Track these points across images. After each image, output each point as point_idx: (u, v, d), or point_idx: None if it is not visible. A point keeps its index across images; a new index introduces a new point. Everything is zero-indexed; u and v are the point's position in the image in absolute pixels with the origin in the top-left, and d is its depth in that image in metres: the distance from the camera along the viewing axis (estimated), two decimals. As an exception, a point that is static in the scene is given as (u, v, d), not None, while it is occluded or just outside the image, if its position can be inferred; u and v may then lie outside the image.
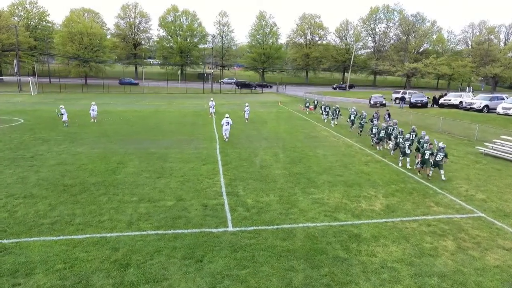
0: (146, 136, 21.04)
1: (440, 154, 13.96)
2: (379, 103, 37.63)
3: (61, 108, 23.44)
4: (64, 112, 23.14)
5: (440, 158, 13.99)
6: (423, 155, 14.35)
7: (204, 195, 11.83)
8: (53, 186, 12.28)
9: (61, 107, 23.56)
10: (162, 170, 14.36)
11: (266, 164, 15.75)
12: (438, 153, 14.01)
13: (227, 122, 20.10)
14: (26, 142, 18.72)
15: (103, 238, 8.82)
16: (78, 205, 10.71)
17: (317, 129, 25.27)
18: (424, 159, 14.32)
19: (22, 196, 11.32)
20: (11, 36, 53.49)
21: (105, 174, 13.73)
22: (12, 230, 9.06)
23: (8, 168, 14.10)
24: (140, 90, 52.34)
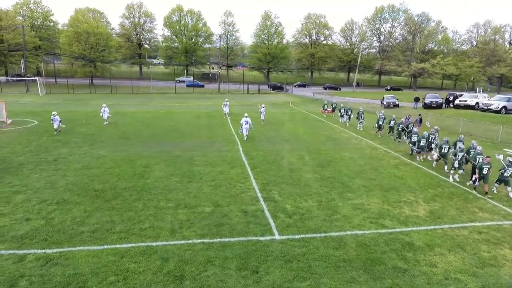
0: (166, 138, 20.68)
1: (510, 169, 12.18)
2: (392, 104, 37.32)
3: (53, 114, 20.78)
4: (55, 119, 20.62)
5: (509, 173, 12.24)
6: (480, 169, 12.51)
7: (240, 201, 11.49)
8: (84, 191, 11.94)
9: (54, 113, 20.90)
10: (191, 174, 14.02)
11: (294, 167, 15.41)
12: (508, 168, 12.22)
13: (246, 121, 20.37)
14: (45, 144, 18.35)
15: (149, 247, 8.49)
16: (115, 212, 10.37)
17: (336, 131, 24.92)
18: (482, 174, 12.49)
19: (55, 202, 10.98)
20: (17, 36, 53.09)
21: (134, 178, 13.39)
22: (53, 239, 8.72)
23: (34, 172, 13.75)
24: (147, 90, 51.91)
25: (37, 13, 71.43)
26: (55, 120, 20.60)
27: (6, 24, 52.00)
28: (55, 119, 20.62)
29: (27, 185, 12.39)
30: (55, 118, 20.62)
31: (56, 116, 20.69)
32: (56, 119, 20.61)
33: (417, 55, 70.11)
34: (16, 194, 11.53)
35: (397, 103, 37.97)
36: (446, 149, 15.27)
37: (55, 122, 20.65)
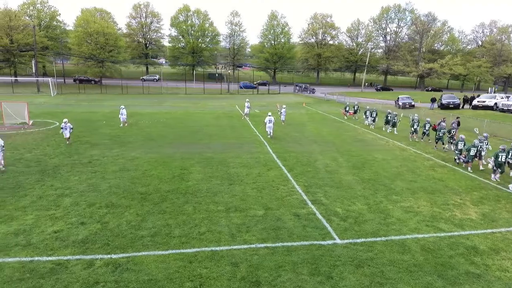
0: (193, 140, 20.57)
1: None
2: (408, 105, 37.21)
3: (64, 122, 18.21)
4: (66, 127, 18.09)
5: None
6: None
7: (288, 204, 11.39)
8: (129, 194, 11.84)
9: (65, 121, 18.31)
10: (230, 176, 13.92)
11: (331, 169, 15.32)
12: None
13: (270, 120, 21.04)
14: (74, 146, 18.22)
15: (214, 252, 8.38)
16: (167, 215, 10.27)
17: (359, 132, 24.82)
18: None
19: (104, 205, 10.88)
20: (26, 36, 52.95)
21: (175, 181, 13.29)
22: (115, 244, 8.61)
23: (72, 174, 13.65)
24: (158, 90, 51.81)
25: (44, 13, 71.34)
26: (66, 128, 18.07)
27: (15, 25, 51.85)
28: (66, 127, 18.05)
29: (70, 187, 12.30)
30: (66, 126, 18.05)
31: (68, 123, 18.21)
32: (67, 127, 18.10)
33: (424, 55, 70.02)
34: (62, 197, 11.44)
35: (413, 103, 37.89)
36: (502, 158, 14.10)
37: (66, 130, 18.11)
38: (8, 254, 8.05)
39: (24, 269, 7.51)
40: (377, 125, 27.18)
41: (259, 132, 23.08)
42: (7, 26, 51.21)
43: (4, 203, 10.77)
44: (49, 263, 7.77)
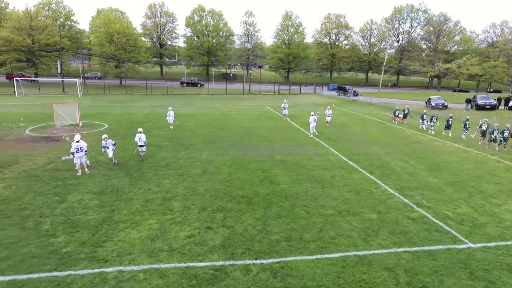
0: (252, 142, 20.50)
1: None
2: (441, 105, 37.25)
3: (104, 138, 14.72)
4: (107, 144, 14.65)
5: None
6: None
7: (395, 207, 11.41)
8: (231, 197, 11.83)
9: (104, 137, 14.77)
10: (317, 179, 13.91)
11: (410, 171, 15.35)
12: None
13: (314, 119, 22.44)
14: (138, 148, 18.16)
15: (359, 256, 8.40)
16: (286, 219, 10.26)
17: (407, 133, 24.85)
18: None
19: (216, 209, 10.87)
20: (46, 36, 52.72)
21: (265, 183, 13.28)
22: (256, 249, 8.61)
23: (161, 178, 13.62)
24: (181, 91, 51.72)
25: (59, 13, 71.13)
26: (107, 145, 14.68)
27: (37, 25, 51.62)
28: (107, 144, 14.64)
29: (168, 191, 12.29)
30: (107, 143, 14.63)
31: (109, 140, 14.80)
32: (108, 144, 14.66)
33: (440, 56, 70.16)
34: (169, 201, 11.42)
35: (446, 104, 37.95)
36: None
37: (108, 148, 14.73)
38: (160, 259, 8.05)
39: (187, 275, 7.51)
40: (415, 126, 27.27)
41: (311, 133, 23.11)
42: (29, 27, 51.01)
43: (117, 208, 10.75)
44: (206, 268, 7.78)
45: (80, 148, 13.87)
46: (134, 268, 7.69)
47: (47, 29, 52.72)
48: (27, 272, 7.45)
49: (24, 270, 7.52)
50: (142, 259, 8.05)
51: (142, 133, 16.01)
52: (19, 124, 23.69)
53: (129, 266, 7.76)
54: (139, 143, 15.96)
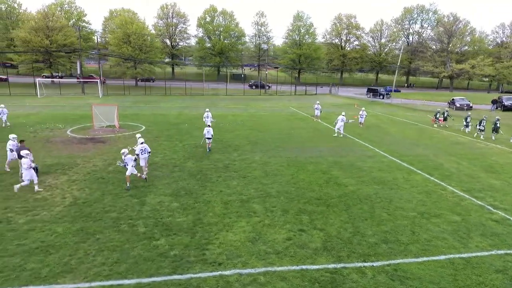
0: (296, 143, 20.48)
1: None
2: (466, 106, 37.28)
3: (123, 152, 12.33)
4: (127, 160, 12.30)
5: None
6: None
7: (471, 209, 11.45)
8: (306, 199, 11.86)
9: (123, 151, 12.33)
10: (381, 181, 13.95)
11: (467, 172, 15.43)
12: None
13: (342, 119, 22.66)
14: (187, 149, 18.20)
15: (463, 259, 8.44)
16: (373, 221, 10.29)
17: (444, 134, 24.94)
18: None
19: (298, 211, 10.90)
20: (63, 37, 52.70)
21: (332, 185, 13.31)
22: (360, 251, 8.65)
23: (227, 180, 13.64)
24: (200, 92, 51.76)
25: (71, 14, 71.16)
26: (128, 161, 12.33)
27: (54, 26, 51.60)
28: (126, 160, 12.32)
29: (241, 193, 12.31)
30: (126, 159, 12.32)
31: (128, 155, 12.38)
32: (128, 160, 12.34)
33: (453, 56, 70.21)
34: (247, 203, 11.46)
35: (471, 105, 37.99)
36: None
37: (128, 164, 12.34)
38: (271, 262, 8.08)
39: (306, 278, 7.55)
40: (453, 127, 27.34)
41: (351, 135, 23.15)
42: (46, 27, 51.01)
43: (201, 210, 10.79)
44: (322, 271, 7.82)
45: (145, 149, 13.96)
46: (251, 271, 7.73)
47: (63, 29, 52.73)
48: (148, 275, 7.49)
49: (144, 273, 7.56)
50: (254, 262, 8.09)
51: (210, 127, 18.00)
52: (57, 125, 23.72)
53: (245, 269, 7.80)
54: (207, 135, 17.77)
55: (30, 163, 11.68)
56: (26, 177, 11.72)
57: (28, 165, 11.62)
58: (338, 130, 22.85)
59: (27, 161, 11.57)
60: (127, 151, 12.53)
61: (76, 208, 10.71)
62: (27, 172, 11.70)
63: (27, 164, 11.59)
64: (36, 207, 10.71)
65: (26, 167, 11.65)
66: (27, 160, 11.58)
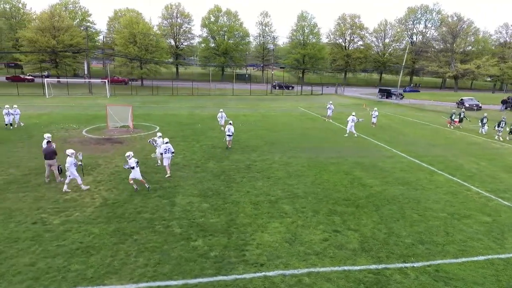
0: (313, 144, 20.46)
1: None
2: (475, 106, 37.29)
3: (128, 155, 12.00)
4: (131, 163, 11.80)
5: None
6: None
7: (500, 210, 11.49)
8: (334, 200, 11.88)
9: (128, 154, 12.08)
10: (404, 181, 13.97)
11: (488, 173, 15.44)
12: None
13: (352, 119, 22.79)
14: (206, 151, 18.20)
15: (503, 260, 8.48)
16: (404, 222, 10.32)
17: (458, 134, 25.00)
18: None
19: (328, 212, 10.92)
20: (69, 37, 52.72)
21: (357, 186, 13.33)
22: (398, 252, 8.67)
23: (251, 180, 13.64)
24: (206, 92, 51.76)
25: (75, 14, 71.15)
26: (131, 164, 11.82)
27: (60, 26, 51.61)
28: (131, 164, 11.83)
29: (268, 193, 12.33)
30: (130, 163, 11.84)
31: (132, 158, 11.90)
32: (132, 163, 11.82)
33: (457, 56, 70.24)
34: (275, 203, 11.47)
35: (480, 105, 38.00)
36: None
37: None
38: (313, 263, 8.10)
39: (350, 279, 7.57)
40: (467, 127, 27.38)
41: (365, 135, 23.17)
42: (52, 27, 51.00)
43: (232, 211, 10.81)
44: (364, 272, 7.84)
45: (168, 149, 14.02)
46: (294, 272, 7.76)
47: (69, 29, 52.75)
48: (193, 276, 7.52)
49: (188, 274, 7.58)
50: (296, 263, 8.11)
51: (231, 124, 18.68)
52: (71, 126, 23.73)
53: (287, 270, 7.82)
54: (227, 133, 18.45)
55: (74, 161, 11.86)
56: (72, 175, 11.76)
57: (70, 164, 11.70)
58: (350, 130, 22.92)
59: (71, 160, 11.81)
60: (132, 154, 12.19)
61: (108, 209, 10.73)
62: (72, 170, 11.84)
63: (70, 163, 11.70)
64: (68, 208, 10.74)
65: (69, 165, 11.72)
66: (71, 159, 11.81)
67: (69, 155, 11.79)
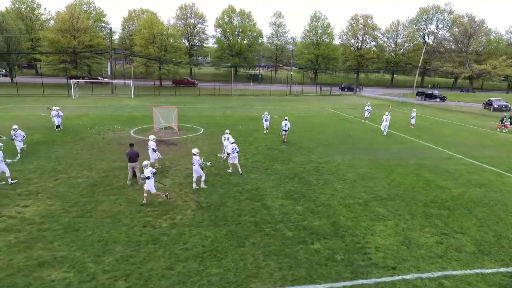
0: (364, 145, 20.55)
1: None
2: (505, 107, 37.28)
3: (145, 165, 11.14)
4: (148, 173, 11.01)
5: None
6: None
7: None
8: (423, 202, 11.92)
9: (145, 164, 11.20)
10: (476, 183, 14.03)
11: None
12: None
13: (386, 118, 23.95)
14: (264, 152, 18.20)
15: None
16: (505, 225, 10.38)
17: (501, 135, 25.08)
18: None
19: (423, 214, 10.97)
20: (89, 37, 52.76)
21: (434, 188, 13.38)
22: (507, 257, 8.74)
23: (328, 183, 13.68)
24: (227, 93, 51.79)
25: (89, 14, 71.07)
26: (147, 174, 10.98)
27: (80, 26, 51.62)
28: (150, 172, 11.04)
29: (353, 196, 12.35)
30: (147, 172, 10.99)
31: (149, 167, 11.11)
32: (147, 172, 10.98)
33: (470, 56, 70.34)
34: (365, 206, 11.52)
35: (510, 105, 38.04)
36: None
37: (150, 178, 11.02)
38: (443, 267, 8.16)
39: (488, 282, 7.62)
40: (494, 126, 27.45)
41: (411, 136, 23.27)
42: (72, 28, 51.00)
43: (330, 214, 10.86)
44: (499, 275, 7.90)
45: (235, 148, 14.49)
46: (429, 275, 7.81)
47: (89, 30, 52.78)
48: (334, 280, 7.57)
49: (328, 278, 7.64)
50: (425, 266, 8.17)
51: (287, 120, 20.36)
52: (116, 127, 23.74)
53: (422, 273, 7.87)
54: (284, 128, 20.22)
55: (200, 160, 12.52)
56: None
57: (196, 162, 12.47)
58: (384, 129, 23.86)
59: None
60: (148, 162, 11.35)
61: (207, 212, 10.77)
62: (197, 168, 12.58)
63: (196, 161, 12.47)
64: (167, 210, 10.78)
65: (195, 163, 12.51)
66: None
67: (195, 154, 12.51)
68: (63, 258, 8.07)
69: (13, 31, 51.22)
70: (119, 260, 8.03)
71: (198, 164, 12.40)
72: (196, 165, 12.43)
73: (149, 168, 11.19)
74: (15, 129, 15.94)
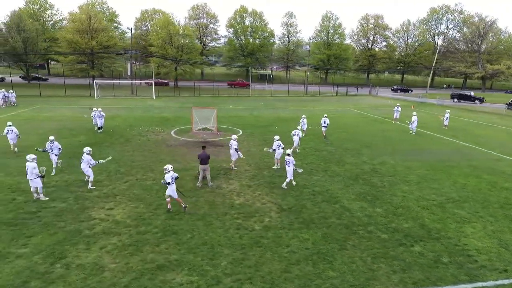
0: (405, 146, 20.61)
1: None
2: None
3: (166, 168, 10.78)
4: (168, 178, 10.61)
5: None
6: None
7: None
8: (497, 204, 12.00)
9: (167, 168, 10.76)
10: (541, 185, 14.17)
11: None
12: None
13: (415, 119, 24.55)
14: (314, 154, 18.28)
15: None
16: None
17: (535, 136, 25.26)
18: None
19: (504, 217, 11.05)
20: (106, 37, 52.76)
21: (501, 190, 13.47)
22: None
23: (393, 184, 13.75)
24: (246, 93, 51.85)
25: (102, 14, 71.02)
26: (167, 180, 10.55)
27: (97, 27, 51.63)
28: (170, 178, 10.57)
29: (424, 197, 12.43)
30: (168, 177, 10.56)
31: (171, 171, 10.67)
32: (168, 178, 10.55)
33: (483, 56, 70.58)
34: (442, 208, 11.59)
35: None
36: None
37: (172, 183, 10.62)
38: None
39: None
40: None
41: (448, 137, 23.37)
42: (89, 28, 51.01)
43: (411, 216, 10.94)
44: None
45: (279, 145, 15.15)
46: (544, 278, 7.90)
47: (106, 30, 52.82)
48: (451, 283, 7.64)
49: (444, 281, 7.70)
50: (535, 269, 8.26)
51: (327, 117, 22.42)
52: (155, 128, 23.76)
53: (536, 276, 7.96)
54: (323, 124, 22.25)
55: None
56: None
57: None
58: (413, 128, 24.45)
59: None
60: (170, 167, 10.78)
61: (291, 214, 10.83)
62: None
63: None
64: (251, 213, 10.83)
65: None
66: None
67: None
68: (177, 261, 8.13)
69: (31, 31, 51.23)
70: (234, 263, 8.10)
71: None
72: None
73: (171, 173, 10.68)
74: (52, 140, 14.15)
